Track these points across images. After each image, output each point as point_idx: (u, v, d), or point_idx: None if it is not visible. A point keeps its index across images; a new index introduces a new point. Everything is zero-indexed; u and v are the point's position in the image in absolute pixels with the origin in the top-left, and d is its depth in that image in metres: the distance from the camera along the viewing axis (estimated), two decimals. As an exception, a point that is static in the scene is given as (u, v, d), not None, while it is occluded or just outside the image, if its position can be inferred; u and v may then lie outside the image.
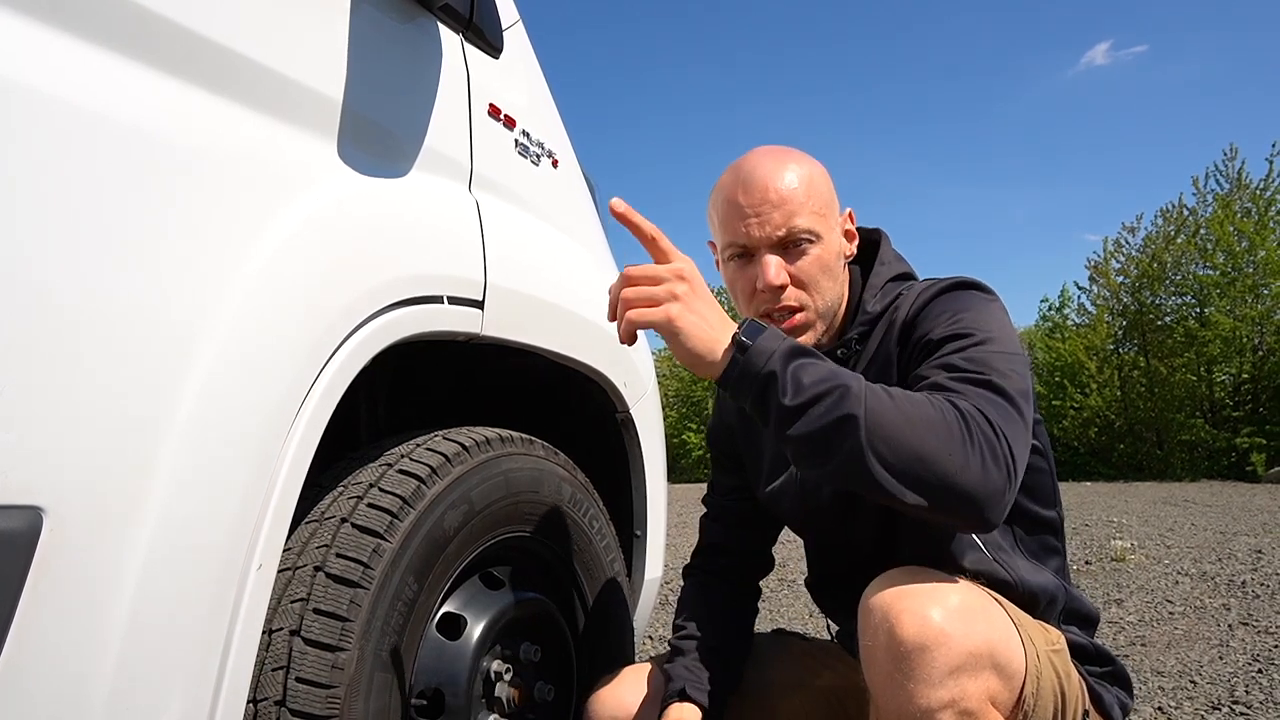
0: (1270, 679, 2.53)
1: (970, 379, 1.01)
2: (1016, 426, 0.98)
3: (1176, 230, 15.66)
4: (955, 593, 0.97)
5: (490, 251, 1.31)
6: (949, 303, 1.14)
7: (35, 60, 0.75)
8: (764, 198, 1.15)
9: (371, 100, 1.15)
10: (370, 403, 1.48)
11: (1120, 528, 6.26)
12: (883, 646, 0.93)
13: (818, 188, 1.19)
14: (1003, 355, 1.05)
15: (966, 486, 0.91)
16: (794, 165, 1.19)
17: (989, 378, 1.01)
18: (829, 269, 1.19)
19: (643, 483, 1.75)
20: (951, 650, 0.91)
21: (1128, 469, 14.92)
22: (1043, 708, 1.03)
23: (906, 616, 0.92)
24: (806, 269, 1.17)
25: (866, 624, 0.97)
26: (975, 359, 1.03)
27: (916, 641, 0.91)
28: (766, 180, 1.16)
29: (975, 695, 0.92)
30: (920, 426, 0.92)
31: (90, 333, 0.74)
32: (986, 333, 1.08)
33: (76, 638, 0.72)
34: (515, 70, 1.53)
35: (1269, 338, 14.22)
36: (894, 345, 1.18)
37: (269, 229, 0.94)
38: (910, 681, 0.91)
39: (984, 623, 0.96)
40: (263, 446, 0.89)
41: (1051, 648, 1.08)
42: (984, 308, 1.13)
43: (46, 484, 0.70)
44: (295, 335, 0.94)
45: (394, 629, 1.06)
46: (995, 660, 0.95)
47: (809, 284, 1.17)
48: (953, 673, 0.91)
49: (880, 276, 1.25)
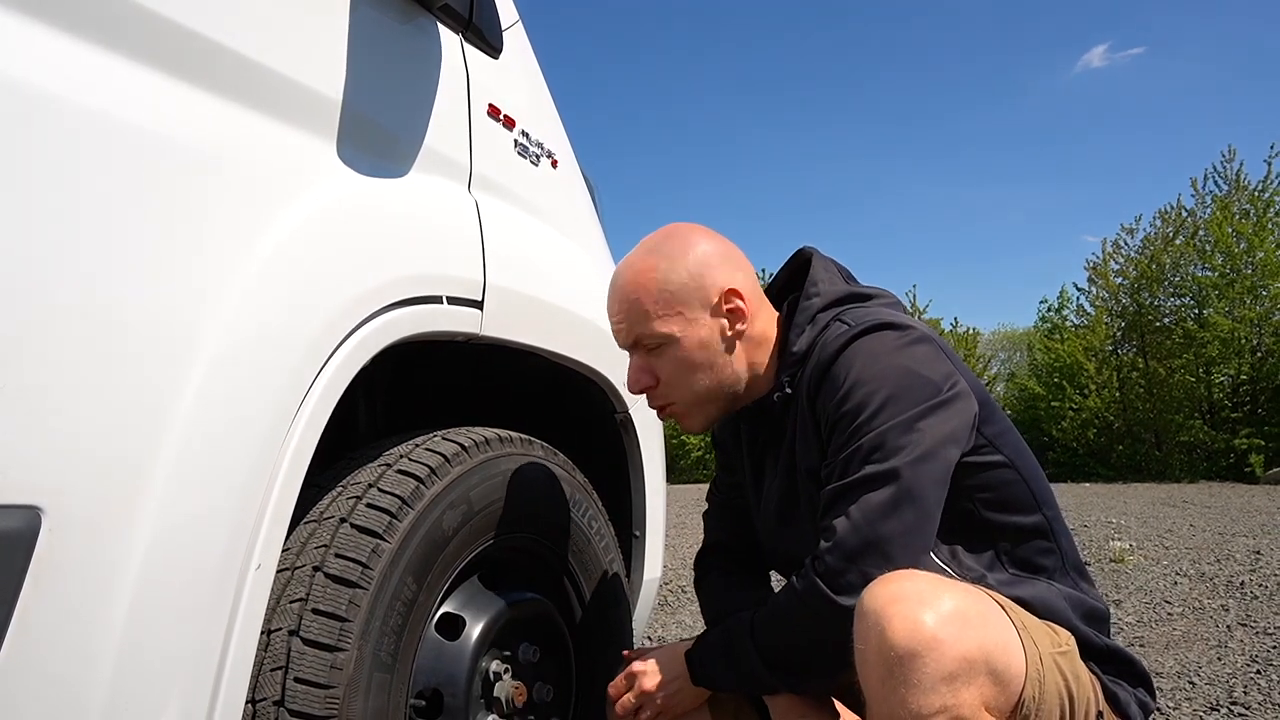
0: (1269, 680, 2.53)
1: (852, 485, 1.07)
2: (893, 514, 1.04)
3: (1175, 232, 15.66)
4: (951, 596, 0.95)
5: (489, 252, 1.31)
6: (850, 360, 1.13)
7: (35, 60, 0.75)
8: (613, 309, 1.24)
9: (371, 100, 1.14)
10: (369, 402, 1.48)
11: (1119, 529, 6.26)
12: (874, 651, 0.93)
13: (666, 289, 1.19)
14: (895, 428, 1.07)
15: (829, 644, 1.04)
16: (642, 271, 1.21)
17: (869, 470, 1.06)
18: (692, 365, 1.22)
19: (642, 483, 1.75)
20: (944, 656, 0.90)
21: (1126, 470, 14.91)
22: (1047, 711, 1.01)
23: (898, 621, 0.91)
24: (664, 370, 1.23)
25: (860, 627, 0.96)
26: (865, 446, 1.08)
27: (907, 647, 0.90)
28: (614, 294, 1.24)
29: (968, 702, 0.91)
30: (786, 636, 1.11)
31: (89, 332, 0.74)
32: (884, 401, 1.09)
33: (75, 637, 0.72)
34: (515, 70, 1.53)
35: (1267, 339, 14.21)
36: (805, 398, 1.19)
37: (268, 229, 0.94)
38: (902, 687, 0.90)
39: (979, 627, 0.96)
40: (262, 446, 0.89)
41: (1058, 650, 1.07)
42: (888, 357, 1.12)
43: (45, 483, 0.70)
44: (294, 335, 0.94)
45: (393, 629, 1.06)
46: (991, 666, 0.94)
47: (669, 382, 1.23)
48: (945, 679, 0.90)
49: (805, 312, 1.24)
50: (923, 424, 1.08)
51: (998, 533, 1.20)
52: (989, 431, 1.18)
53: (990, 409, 1.20)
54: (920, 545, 1.07)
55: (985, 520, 1.19)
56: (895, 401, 1.09)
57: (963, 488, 1.15)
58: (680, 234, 1.24)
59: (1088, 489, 11.28)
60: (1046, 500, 1.24)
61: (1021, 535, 1.21)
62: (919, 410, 1.08)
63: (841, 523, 1.05)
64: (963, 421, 1.13)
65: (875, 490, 1.05)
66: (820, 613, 1.04)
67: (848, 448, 1.09)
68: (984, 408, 1.18)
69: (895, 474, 1.04)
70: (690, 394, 1.23)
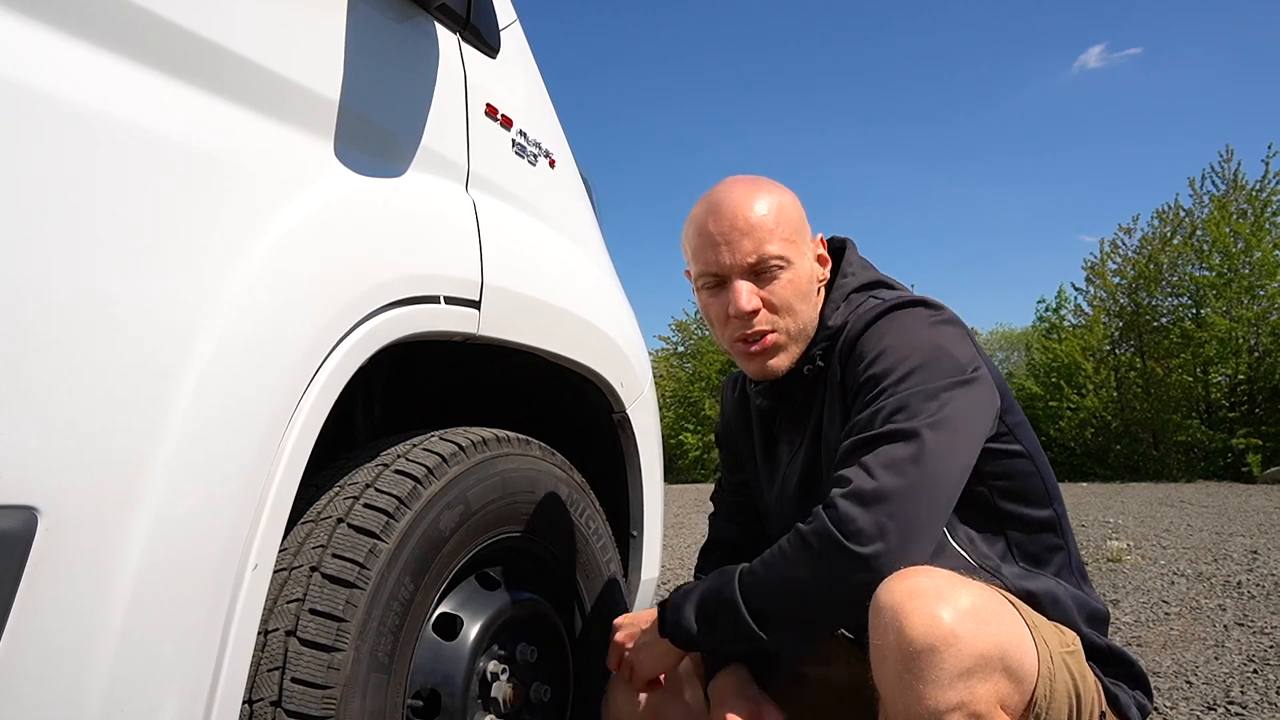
0: (1266, 679, 2.53)
1: (875, 437, 1.06)
2: (914, 469, 1.03)
3: (1173, 231, 15.66)
4: (967, 593, 0.96)
5: (487, 252, 1.31)
6: (880, 332, 1.16)
7: (33, 60, 0.75)
8: (734, 225, 1.19)
9: (368, 100, 1.14)
10: (366, 403, 1.48)
11: (1116, 528, 6.26)
12: (892, 646, 0.93)
13: (787, 214, 1.22)
14: (920, 392, 1.07)
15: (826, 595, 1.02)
16: (763, 193, 1.21)
17: (894, 426, 1.05)
18: (802, 293, 1.22)
19: (639, 483, 1.75)
20: (961, 652, 0.90)
21: (1124, 470, 14.91)
22: (1056, 710, 1.02)
23: (916, 616, 0.91)
24: (779, 293, 1.20)
25: (876, 622, 0.96)
26: (890, 406, 1.07)
27: (925, 642, 0.90)
28: (736, 208, 1.19)
29: (984, 698, 0.91)
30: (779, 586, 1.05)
31: (86, 332, 0.74)
32: (912, 369, 1.09)
33: (71, 638, 0.72)
34: (512, 70, 1.53)
35: (1265, 339, 14.22)
36: (838, 369, 1.20)
37: (265, 229, 0.94)
38: (919, 682, 0.90)
39: (995, 624, 0.96)
40: (259, 446, 0.89)
41: (1066, 650, 1.08)
42: (918, 333, 1.14)
43: (41, 484, 0.70)
44: (291, 335, 0.94)
45: (390, 629, 1.05)
46: (1006, 663, 0.95)
47: (781, 308, 1.21)
48: (962, 675, 0.90)
49: (841, 289, 1.27)
50: (947, 396, 1.08)
51: (1011, 523, 1.21)
52: (1010, 420, 1.20)
53: (1009, 400, 1.22)
54: (936, 511, 1.05)
55: (1000, 509, 1.19)
56: (923, 370, 1.09)
57: (982, 474, 1.16)
58: (772, 181, 1.26)
59: (1085, 489, 11.29)
60: (1057, 496, 1.26)
61: (1033, 528, 1.22)
62: (945, 383, 1.09)
63: (857, 471, 1.04)
64: (986, 405, 1.13)
65: (895, 444, 1.04)
66: (827, 557, 1.01)
67: (870, 407, 1.09)
68: (1003, 398, 1.20)
69: (916, 433, 1.04)
70: (795, 323, 1.22)
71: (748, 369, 1.28)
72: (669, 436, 19.60)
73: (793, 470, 1.30)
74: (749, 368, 1.26)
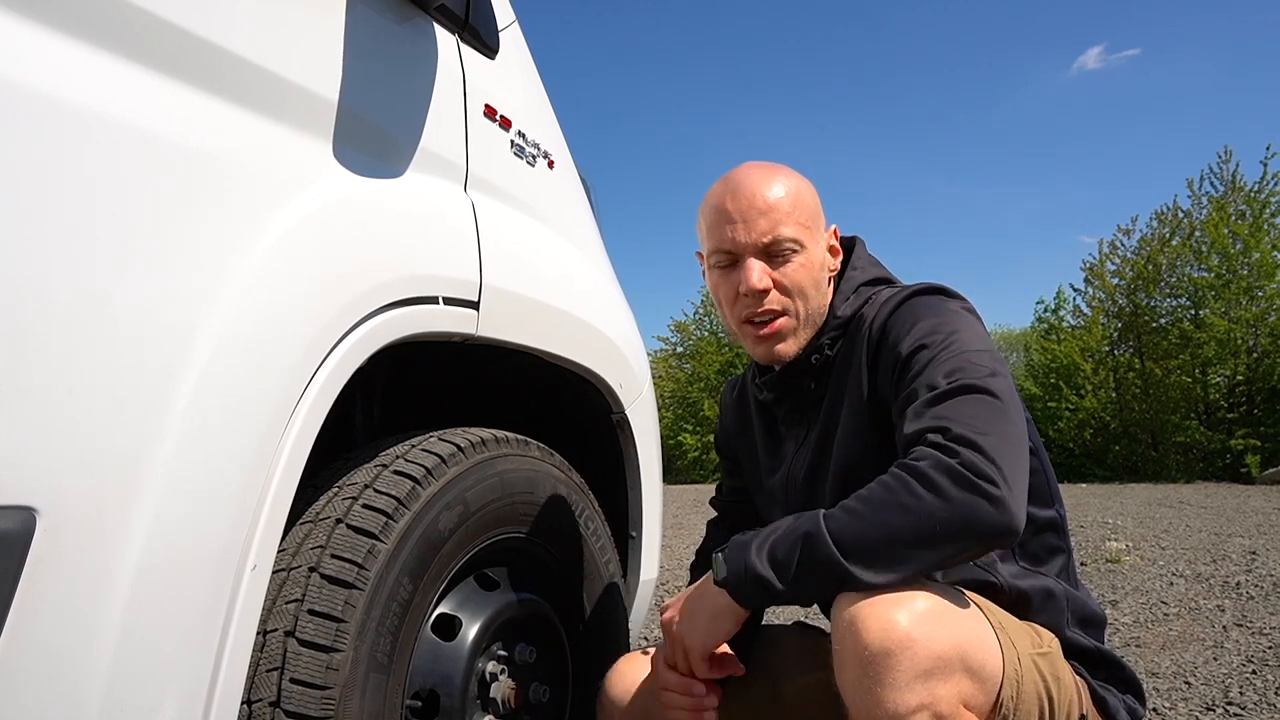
0: (1265, 680, 2.54)
1: (943, 394, 1.03)
2: (998, 418, 1.01)
3: (1171, 232, 15.67)
4: (924, 597, 0.96)
5: (486, 252, 1.31)
6: (912, 311, 1.16)
7: (33, 60, 0.75)
8: (751, 204, 1.19)
9: (367, 101, 1.14)
10: (365, 403, 1.48)
11: (1115, 529, 6.27)
12: (850, 651, 0.93)
13: (804, 200, 1.22)
14: (971, 352, 1.07)
15: (960, 529, 0.95)
16: (781, 177, 1.22)
17: (964, 380, 1.04)
18: (813, 279, 1.22)
19: (638, 484, 1.75)
20: (917, 654, 0.90)
21: (1123, 470, 14.92)
22: (1025, 712, 1.02)
23: (872, 621, 0.92)
24: (791, 275, 1.20)
25: (835, 629, 0.97)
26: (943, 367, 1.06)
27: (881, 646, 0.90)
28: (754, 188, 1.20)
29: (946, 699, 0.91)
30: (884, 521, 0.96)
31: (85, 333, 0.74)
32: (950, 335, 1.10)
33: (70, 638, 0.72)
34: (511, 71, 1.53)
35: (1263, 340, 14.23)
36: (864, 355, 1.20)
37: (264, 230, 0.94)
38: (878, 686, 0.90)
39: (952, 625, 0.96)
40: (258, 447, 0.89)
41: (1037, 650, 1.07)
42: (948, 312, 1.15)
43: (40, 485, 0.70)
44: (291, 335, 0.94)
45: (389, 630, 1.05)
46: (967, 663, 0.95)
47: (793, 290, 1.21)
48: (920, 676, 0.90)
49: (851, 282, 1.28)
50: (991, 361, 1.08)
51: None
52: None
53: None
54: (1026, 467, 1.02)
55: None
56: (965, 338, 1.10)
57: None
58: (790, 168, 1.26)
59: (1084, 489, 11.29)
60: (1058, 497, 1.27)
61: (1037, 527, 1.22)
62: (992, 352, 1.10)
63: (954, 422, 1.00)
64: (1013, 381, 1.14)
65: (982, 397, 1.02)
66: (960, 496, 0.94)
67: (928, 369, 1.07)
68: None
69: (993, 393, 1.03)
70: (804, 307, 1.22)
71: (755, 352, 1.27)
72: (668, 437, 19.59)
73: (800, 461, 1.29)
74: (756, 351, 1.26)
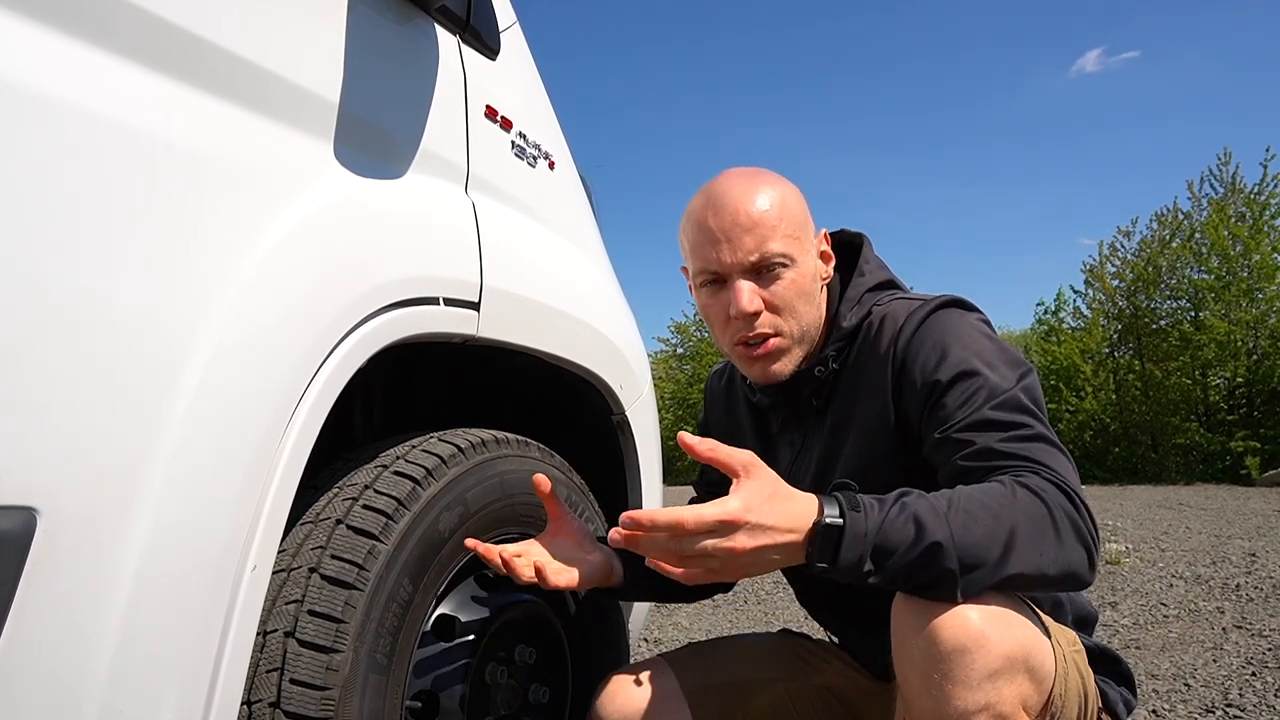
0: (1264, 682, 2.53)
1: (1020, 437, 1.01)
2: (1070, 466, 1.01)
3: (1171, 234, 15.68)
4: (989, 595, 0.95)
5: (486, 253, 1.31)
6: (939, 332, 1.12)
7: (32, 60, 0.75)
8: (735, 221, 1.13)
9: (368, 102, 1.14)
10: (366, 404, 1.48)
11: (1115, 531, 6.27)
12: (919, 647, 0.92)
13: (790, 210, 1.16)
14: (1021, 391, 1.05)
15: (1062, 575, 0.95)
16: (765, 188, 1.16)
17: (1034, 428, 1.02)
18: (805, 293, 1.17)
19: (638, 485, 1.75)
20: (990, 653, 0.90)
21: (1123, 472, 14.92)
22: (1069, 709, 1.02)
23: (946, 617, 0.91)
24: (781, 293, 1.15)
25: (901, 623, 0.95)
26: (1008, 407, 1.03)
27: (957, 643, 0.90)
28: (737, 203, 1.13)
29: (1010, 699, 0.91)
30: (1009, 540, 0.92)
31: (85, 334, 0.74)
32: (991, 364, 1.07)
33: (70, 639, 0.72)
34: (512, 72, 1.53)
35: (1263, 341, 14.23)
36: (886, 376, 1.14)
37: (265, 231, 0.94)
38: (948, 683, 0.89)
39: (1019, 625, 0.95)
40: (258, 447, 0.89)
41: (1073, 648, 1.08)
42: (975, 332, 1.12)
43: (40, 485, 0.70)
44: (291, 336, 0.94)
45: (389, 631, 1.05)
46: (1029, 663, 0.94)
47: (784, 309, 1.16)
48: (990, 676, 0.90)
49: (857, 288, 1.23)
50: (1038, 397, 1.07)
51: None
52: None
53: None
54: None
55: None
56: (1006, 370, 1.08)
57: None
58: (774, 174, 1.22)
59: (1084, 491, 11.28)
60: None
61: None
62: (1028, 368, 1.09)
63: (1042, 466, 0.99)
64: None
65: (1044, 445, 1.02)
66: (1069, 543, 0.94)
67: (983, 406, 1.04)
68: None
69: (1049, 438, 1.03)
70: (798, 324, 1.17)
71: (750, 373, 1.23)
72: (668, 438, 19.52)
73: (800, 474, 1.26)
74: (751, 372, 1.22)
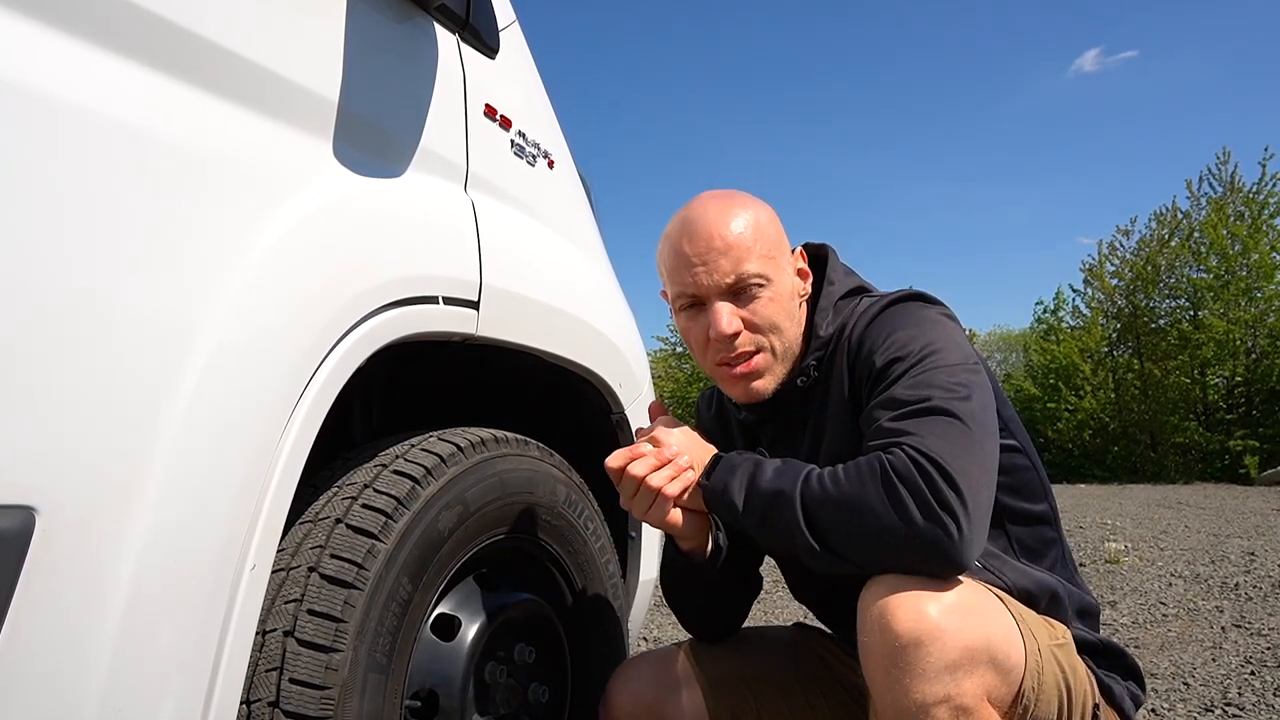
0: (1263, 680, 2.54)
1: (912, 412, 1.03)
2: (966, 444, 1.00)
3: (1170, 233, 15.70)
4: (953, 589, 0.97)
5: (486, 252, 1.31)
6: (888, 322, 1.15)
7: (32, 60, 0.75)
8: (709, 245, 1.15)
9: (367, 100, 1.14)
10: (365, 403, 1.48)
11: (1114, 530, 6.27)
12: (878, 641, 0.94)
13: (765, 231, 1.18)
14: (944, 369, 1.07)
15: (906, 549, 0.96)
16: (739, 210, 1.18)
17: (931, 403, 1.03)
18: (784, 310, 1.19)
19: (638, 484, 1.74)
20: (947, 645, 0.92)
21: (1122, 471, 14.94)
22: (1045, 703, 1.03)
23: (902, 611, 0.93)
24: (760, 312, 1.16)
25: (864, 619, 0.97)
26: (916, 384, 1.06)
27: (911, 636, 0.91)
28: (712, 226, 1.15)
29: (971, 691, 0.93)
30: (853, 507, 0.99)
31: (84, 333, 0.74)
32: (926, 348, 1.09)
33: (69, 638, 0.72)
34: (511, 71, 1.53)
35: (1262, 341, 14.26)
36: (844, 366, 1.19)
37: (264, 229, 0.94)
38: (906, 676, 0.91)
39: (980, 618, 0.97)
40: (257, 446, 0.89)
41: (1055, 643, 1.09)
42: (924, 321, 1.14)
43: (39, 484, 0.70)
44: (290, 335, 0.94)
45: (388, 630, 1.05)
46: (993, 656, 0.96)
47: (764, 327, 1.17)
48: (948, 668, 0.92)
49: (829, 297, 1.25)
50: (967, 379, 1.08)
51: (1011, 518, 1.21)
52: (1005, 414, 1.20)
53: (1001, 395, 1.22)
54: (987, 490, 1.02)
55: (1000, 504, 1.19)
56: (940, 354, 1.09)
57: None
58: (747, 195, 1.24)
59: (1083, 490, 11.30)
60: (1049, 491, 1.28)
61: (1030, 521, 1.23)
62: (963, 366, 1.09)
63: (923, 440, 1.00)
64: (990, 394, 1.13)
65: (950, 421, 1.02)
66: (916, 518, 0.95)
67: (899, 383, 1.07)
68: (996, 393, 1.20)
69: (959, 416, 1.02)
70: (779, 342, 1.19)
71: (732, 393, 1.24)
72: (667, 437, 19.45)
73: None
74: (733, 392, 1.23)
